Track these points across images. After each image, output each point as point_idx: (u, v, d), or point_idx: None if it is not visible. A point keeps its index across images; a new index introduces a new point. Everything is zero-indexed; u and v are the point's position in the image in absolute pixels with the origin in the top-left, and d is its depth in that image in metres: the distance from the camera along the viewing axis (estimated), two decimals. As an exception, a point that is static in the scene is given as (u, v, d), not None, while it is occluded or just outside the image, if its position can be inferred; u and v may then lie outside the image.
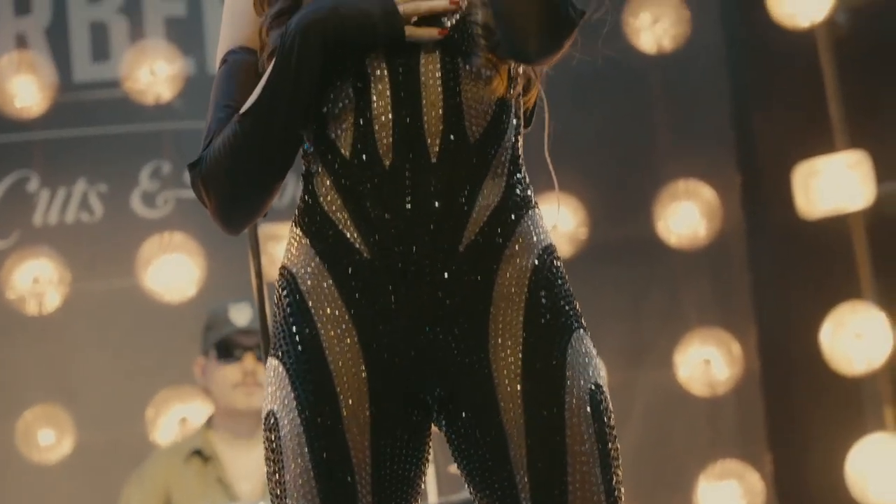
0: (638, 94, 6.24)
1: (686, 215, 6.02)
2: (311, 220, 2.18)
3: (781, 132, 6.12)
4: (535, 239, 2.17)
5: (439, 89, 2.12)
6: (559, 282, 2.17)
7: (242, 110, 2.12)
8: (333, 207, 2.16)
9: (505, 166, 2.18)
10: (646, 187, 6.10)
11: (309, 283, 2.17)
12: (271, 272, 3.21)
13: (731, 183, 6.24)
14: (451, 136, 2.13)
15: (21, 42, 6.25)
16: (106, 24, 6.34)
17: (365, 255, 2.13)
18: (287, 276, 2.19)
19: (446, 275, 2.12)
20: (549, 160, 2.25)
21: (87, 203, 6.20)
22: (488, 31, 2.12)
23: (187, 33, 6.28)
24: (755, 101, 6.33)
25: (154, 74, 6.07)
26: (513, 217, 2.16)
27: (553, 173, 2.26)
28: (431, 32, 2.11)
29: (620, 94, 6.09)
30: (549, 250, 2.18)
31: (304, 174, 2.23)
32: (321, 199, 2.18)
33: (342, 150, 2.14)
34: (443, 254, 2.12)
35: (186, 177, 6.51)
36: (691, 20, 6.08)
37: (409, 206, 2.11)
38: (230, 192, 2.16)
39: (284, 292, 2.18)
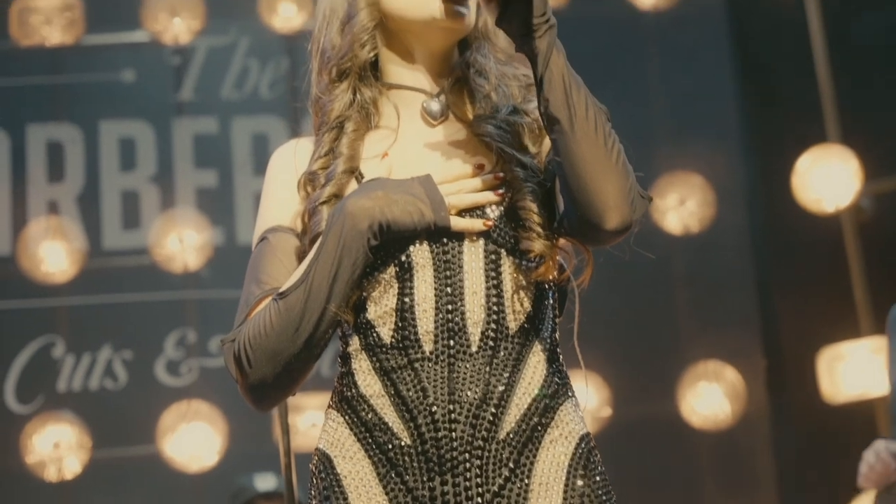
0: (663, 274, 6.27)
1: (710, 397, 5.99)
2: (349, 403, 2.16)
3: (806, 316, 6.12)
4: (573, 427, 2.16)
5: (482, 278, 2.14)
6: (597, 470, 2.15)
7: (283, 289, 2.10)
8: (372, 391, 2.14)
9: (544, 355, 2.17)
10: (670, 368, 6.09)
11: (346, 466, 2.14)
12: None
13: (755, 365, 6.22)
14: (492, 325, 2.13)
15: (52, 208, 6.35)
16: (137, 192, 6.44)
17: (403, 440, 2.10)
18: (323, 458, 2.16)
19: (485, 462, 2.10)
20: (577, 347, 2.25)
21: (111, 370, 6.22)
22: (541, 214, 2.14)
23: (218, 204, 6.38)
24: (780, 285, 6.35)
25: (182, 243, 6.11)
26: (551, 406, 2.15)
27: (579, 354, 2.26)
28: (477, 225, 2.12)
29: (646, 275, 6.12)
30: (586, 439, 2.17)
31: (341, 355, 2.21)
32: (359, 381, 2.15)
33: (382, 334, 2.13)
34: (482, 441, 2.10)
35: (211, 345, 6.56)
36: (717, 202, 6.14)
37: (448, 392, 2.10)
38: (264, 372, 2.11)
39: (321, 475, 2.16)
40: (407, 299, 2.12)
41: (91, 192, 6.41)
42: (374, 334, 2.14)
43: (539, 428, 2.14)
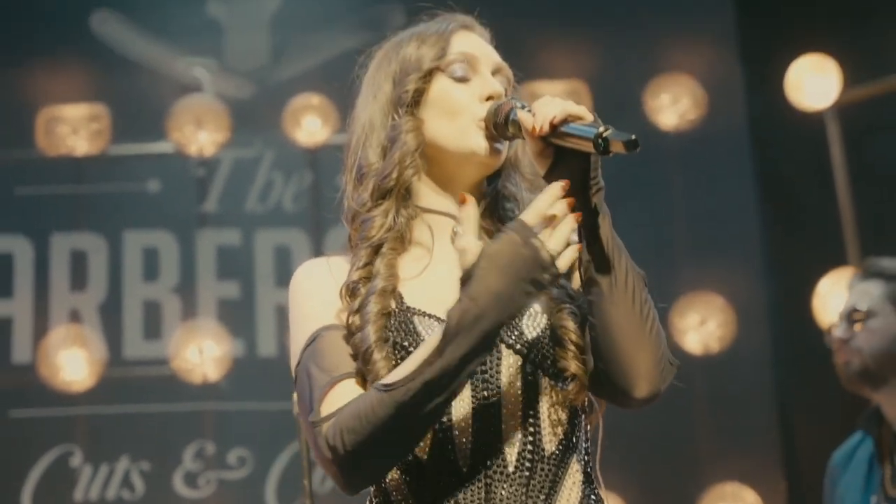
0: (683, 394, 6.22)
1: (730, 519, 5.96)
2: None
3: (826, 437, 6.08)
4: None
5: (519, 398, 2.13)
6: None
7: (390, 381, 1.99)
8: None
9: (580, 477, 2.17)
10: (689, 489, 6.06)
11: None
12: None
13: (775, 487, 6.18)
14: (529, 447, 2.13)
15: (74, 317, 6.37)
16: (159, 302, 6.47)
17: None
18: None
19: None
20: (598, 469, 2.25)
21: (128, 481, 6.21)
22: (579, 335, 2.14)
23: (239, 316, 6.39)
24: (801, 406, 6.32)
25: (202, 354, 6.14)
26: None
27: (599, 475, 2.26)
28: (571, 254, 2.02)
29: (666, 395, 6.08)
30: None
31: None
32: (393, 499, 2.15)
33: (418, 452, 2.11)
34: None
35: (230, 458, 6.52)
36: (738, 323, 6.16)
37: None
38: (363, 460, 2.03)
39: None
40: (445, 418, 2.10)
41: (113, 301, 6.43)
42: None
43: None
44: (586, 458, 2.21)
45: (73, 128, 6.56)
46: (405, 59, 2.30)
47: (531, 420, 2.13)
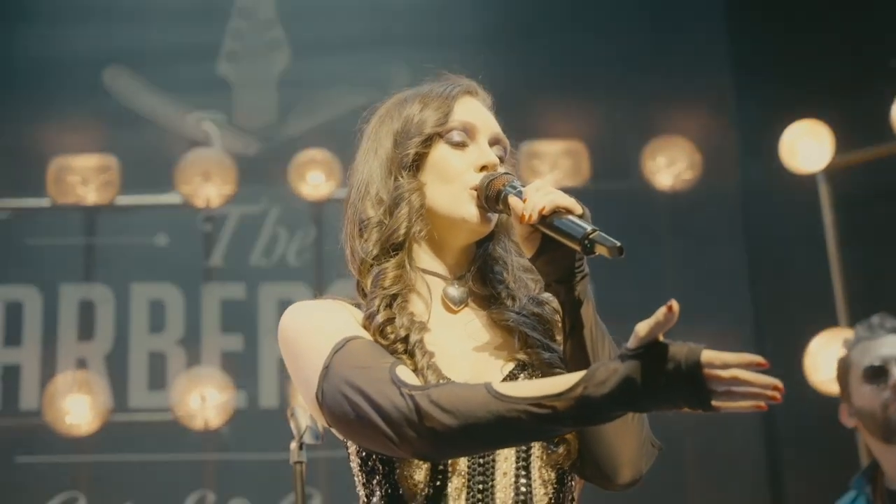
0: (674, 453, 6.28)
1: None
2: None
3: (818, 496, 6.11)
4: None
5: (512, 460, 2.15)
6: None
7: (505, 393, 1.94)
8: None
9: None
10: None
11: None
12: None
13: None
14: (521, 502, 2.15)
15: (81, 365, 6.43)
16: (164, 354, 6.54)
17: None
18: None
19: None
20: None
21: (130, 528, 6.25)
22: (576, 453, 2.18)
23: (242, 368, 6.45)
24: (790, 462, 6.36)
25: (204, 401, 6.18)
26: None
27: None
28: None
29: (657, 461, 6.13)
30: None
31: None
32: None
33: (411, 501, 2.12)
34: None
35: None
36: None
37: None
38: (446, 439, 1.96)
39: None
40: (440, 477, 2.12)
41: (119, 351, 6.49)
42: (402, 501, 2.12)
43: None
44: None
45: (83, 178, 6.63)
46: (408, 120, 2.33)
47: (524, 481, 2.14)
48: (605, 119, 6.83)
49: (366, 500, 2.19)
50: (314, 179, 6.59)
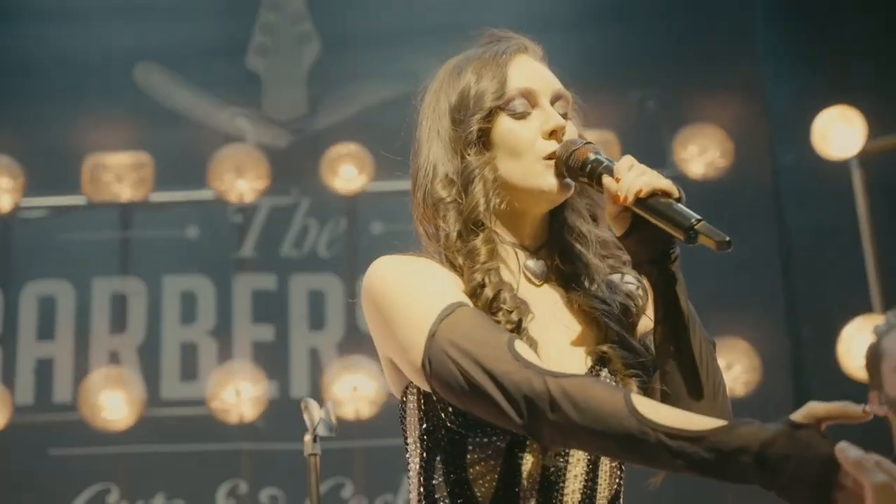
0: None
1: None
2: None
3: None
4: None
5: (584, 461, 2.13)
6: None
7: (641, 411, 1.84)
8: None
9: None
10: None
11: None
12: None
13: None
14: (588, 493, 2.14)
15: (114, 358, 6.47)
16: (196, 345, 6.57)
17: None
18: None
19: None
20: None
21: (163, 518, 6.28)
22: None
23: (273, 358, 6.47)
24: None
25: (239, 395, 6.20)
26: None
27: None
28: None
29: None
30: None
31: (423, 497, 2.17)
32: None
33: (480, 495, 2.09)
34: None
35: (262, 497, 6.51)
36: (762, 368, 6.20)
37: None
38: (565, 431, 1.91)
39: None
40: (515, 463, 2.09)
41: (152, 343, 6.53)
42: None
43: None
44: None
45: (118, 175, 6.68)
46: (464, 95, 2.24)
47: (590, 484, 2.13)
48: (636, 108, 6.81)
49: (422, 483, 2.15)
50: (347, 173, 6.61)
